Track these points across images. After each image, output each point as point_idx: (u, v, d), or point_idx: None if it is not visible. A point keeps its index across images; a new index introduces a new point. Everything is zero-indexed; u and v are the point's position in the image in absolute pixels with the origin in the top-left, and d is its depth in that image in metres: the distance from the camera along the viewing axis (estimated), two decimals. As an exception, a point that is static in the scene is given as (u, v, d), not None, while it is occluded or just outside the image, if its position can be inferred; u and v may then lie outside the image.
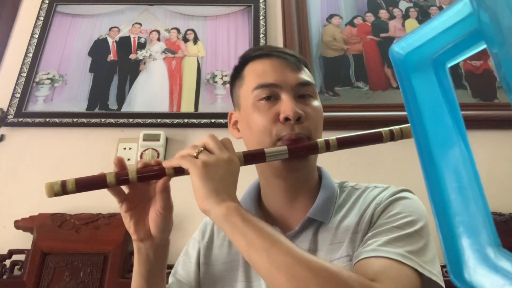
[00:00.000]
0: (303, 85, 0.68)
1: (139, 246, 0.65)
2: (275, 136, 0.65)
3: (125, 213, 0.64)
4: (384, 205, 0.64)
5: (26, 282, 1.13)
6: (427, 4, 1.70)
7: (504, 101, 1.49)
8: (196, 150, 0.58)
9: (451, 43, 0.26)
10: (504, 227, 1.19)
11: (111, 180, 0.59)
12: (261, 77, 0.68)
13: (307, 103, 0.67)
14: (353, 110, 1.45)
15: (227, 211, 0.53)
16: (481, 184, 0.25)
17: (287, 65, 0.69)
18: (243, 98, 0.71)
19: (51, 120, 1.43)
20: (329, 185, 0.71)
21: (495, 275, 0.22)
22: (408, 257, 0.54)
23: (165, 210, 0.62)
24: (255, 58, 0.72)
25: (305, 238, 0.67)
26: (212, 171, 0.56)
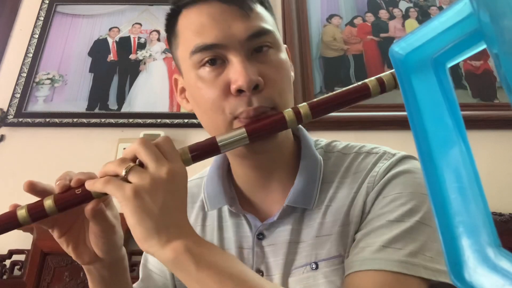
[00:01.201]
0: (256, 35, 0.50)
1: (89, 269, 0.55)
2: (230, 115, 0.50)
3: (59, 239, 0.52)
4: (379, 186, 0.52)
5: (26, 282, 1.13)
6: (427, 4, 1.70)
7: (504, 101, 1.49)
8: (125, 167, 0.43)
9: (451, 43, 0.26)
10: (504, 227, 1.19)
11: (25, 219, 0.47)
12: (198, 35, 0.50)
13: (265, 59, 0.51)
14: (353, 110, 1.45)
15: (175, 256, 0.40)
16: (481, 184, 0.25)
17: (232, 11, 0.50)
18: (182, 62, 0.55)
19: (51, 120, 1.43)
20: (310, 159, 0.57)
21: (495, 275, 0.22)
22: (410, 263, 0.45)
23: (105, 232, 0.50)
24: (190, 4, 0.53)
25: (286, 227, 0.56)
26: (148, 200, 0.41)
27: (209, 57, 0.50)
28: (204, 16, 0.51)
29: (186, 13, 0.53)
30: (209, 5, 0.51)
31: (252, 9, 0.51)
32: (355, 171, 0.56)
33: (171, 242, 0.41)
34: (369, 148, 0.58)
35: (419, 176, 0.52)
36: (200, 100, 0.52)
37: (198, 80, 0.51)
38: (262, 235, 0.57)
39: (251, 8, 0.51)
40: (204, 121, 0.55)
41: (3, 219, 0.48)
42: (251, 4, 0.52)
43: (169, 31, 0.58)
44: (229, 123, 0.51)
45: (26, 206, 0.48)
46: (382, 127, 1.40)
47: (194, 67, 0.52)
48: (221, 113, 0.50)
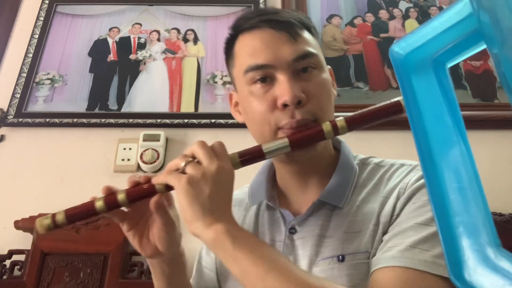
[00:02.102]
0: (301, 58, 0.58)
1: (151, 262, 0.63)
2: (275, 126, 0.58)
3: (128, 233, 0.60)
4: (409, 192, 0.56)
5: (26, 282, 1.13)
6: (427, 5, 1.70)
7: (504, 101, 1.49)
8: (184, 161, 0.53)
9: (451, 43, 0.26)
10: (504, 227, 1.19)
11: (101, 208, 0.56)
12: (251, 57, 0.59)
13: (309, 79, 0.59)
14: (353, 110, 1.44)
15: (216, 236, 0.48)
16: (481, 184, 0.25)
17: (281, 37, 0.59)
18: (237, 80, 0.64)
19: (51, 121, 1.43)
20: (346, 164, 0.64)
21: (495, 275, 0.22)
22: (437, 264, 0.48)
23: (166, 226, 0.59)
24: (245, 30, 0.62)
25: (315, 222, 0.61)
26: (198, 188, 0.50)
27: (260, 76, 0.59)
28: (257, 40, 0.60)
29: (242, 38, 0.63)
30: (262, 31, 0.60)
31: (299, 35, 0.60)
32: (388, 178, 0.61)
33: (213, 224, 0.49)
34: (403, 162, 0.64)
35: None
36: (250, 112, 0.61)
37: (250, 95, 0.60)
38: (294, 230, 0.63)
39: (298, 33, 0.60)
40: (253, 131, 0.63)
41: (83, 208, 0.57)
42: (298, 30, 0.60)
43: (227, 53, 0.67)
44: (274, 133, 0.59)
45: (103, 198, 0.57)
46: (382, 127, 1.40)
47: (247, 84, 0.60)
48: (267, 124, 0.58)
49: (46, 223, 0.56)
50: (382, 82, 1.53)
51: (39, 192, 1.32)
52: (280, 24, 0.60)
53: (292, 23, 0.61)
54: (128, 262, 1.19)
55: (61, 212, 0.57)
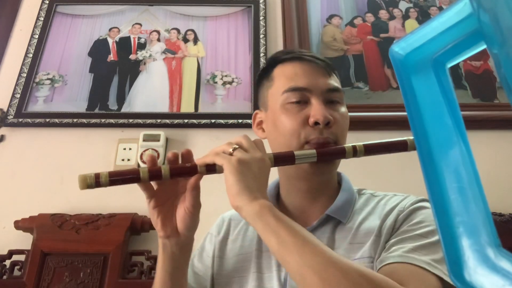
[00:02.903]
0: (332, 91, 0.69)
1: (165, 243, 0.65)
2: (304, 139, 0.66)
3: (153, 210, 0.63)
4: (407, 212, 0.65)
5: (26, 282, 1.13)
6: (427, 5, 1.70)
7: (504, 102, 1.49)
8: (231, 147, 0.59)
9: (451, 43, 0.26)
10: (504, 228, 1.19)
11: (144, 175, 0.59)
12: (292, 80, 0.69)
13: (335, 109, 0.69)
14: (353, 110, 1.44)
15: (260, 209, 0.53)
16: (481, 184, 0.25)
17: (318, 70, 0.70)
18: (271, 99, 0.72)
19: (51, 121, 1.43)
20: (348, 189, 0.73)
21: (495, 276, 0.22)
22: (434, 266, 0.55)
23: (194, 208, 0.63)
24: (286, 60, 0.73)
25: (322, 235, 0.67)
26: (246, 168, 0.56)
27: (297, 99, 0.68)
28: (297, 68, 0.71)
29: (281, 66, 0.73)
30: (302, 63, 0.71)
31: (332, 73, 0.72)
32: (384, 204, 0.70)
33: (258, 199, 0.54)
34: (395, 193, 0.73)
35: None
36: (280, 125, 0.68)
37: (284, 111, 0.68)
38: None
39: (331, 71, 0.72)
40: (279, 142, 0.70)
41: (127, 173, 0.60)
42: (331, 69, 0.73)
43: (263, 77, 0.76)
44: (301, 146, 0.66)
45: (147, 168, 0.60)
46: (382, 127, 1.40)
47: (282, 102, 0.69)
48: (296, 137, 0.66)
49: (89, 180, 0.57)
50: (382, 82, 1.53)
51: (39, 192, 1.32)
52: (318, 60, 0.72)
53: (326, 62, 0.73)
54: (128, 262, 1.19)
55: (104, 173, 0.58)
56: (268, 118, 0.73)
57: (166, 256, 0.65)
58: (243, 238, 0.75)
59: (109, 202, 1.27)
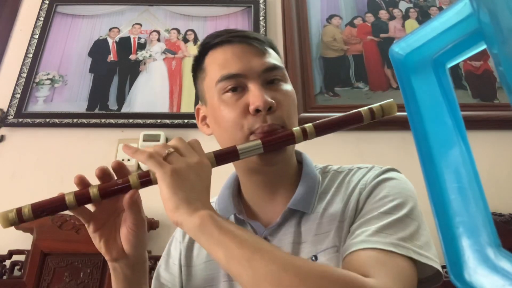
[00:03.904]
0: (270, 69, 0.63)
1: (114, 266, 0.60)
2: (247, 130, 0.60)
3: (93, 234, 0.58)
4: (369, 188, 0.61)
5: (26, 282, 1.13)
6: (427, 5, 1.70)
7: (504, 102, 1.49)
8: (166, 150, 0.53)
9: (451, 43, 0.26)
10: (504, 228, 1.19)
11: (71, 201, 0.53)
12: (223, 68, 0.62)
13: (277, 89, 0.63)
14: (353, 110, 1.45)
15: (201, 221, 0.48)
16: (481, 185, 0.25)
17: (251, 50, 0.63)
18: (207, 92, 0.66)
19: (51, 121, 1.43)
20: (310, 173, 0.67)
21: (495, 276, 0.22)
22: (401, 245, 0.52)
23: (136, 226, 0.57)
24: (215, 46, 0.66)
25: (288, 230, 0.63)
26: (182, 178, 0.51)
27: (232, 86, 0.61)
28: (228, 53, 0.64)
29: (212, 53, 0.66)
30: (232, 46, 0.64)
31: (267, 50, 0.65)
32: (348, 181, 0.65)
33: (198, 211, 0.49)
34: (360, 165, 0.68)
35: (403, 182, 0.62)
36: (221, 120, 0.62)
37: (221, 104, 0.62)
38: (267, 240, 0.63)
39: (265, 49, 0.65)
40: (224, 138, 0.64)
41: (53, 202, 0.54)
42: (266, 46, 0.66)
43: (196, 68, 0.70)
44: (246, 137, 0.60)
45: (73, 192, 0.54)
46: (382, 127, 1.40)
47: (218, 94, 0.63)
48: (239, 129, 0.60)
49: (10, 216, 0.53)
50: (382, 82, 1.53)
51: (39, 192, 1.32)
52: (250, 39, 0.65)
53: (259, 40, 0.66)
54: (128, 262, 1.19)
55: (27, 206, 0.53)
56: (209, 112, 0.67)
57: (119, 279, 0.61)
58: None
59: (109, 202, 1.27)
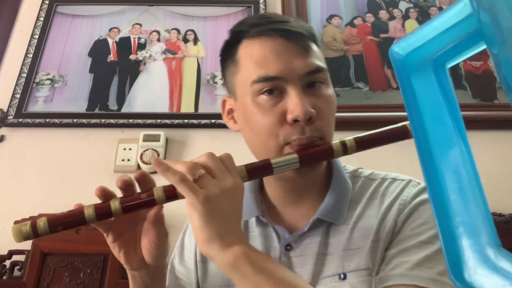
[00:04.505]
0: (313, 72, 0.56)
1: (133, 274, 0.57)
2: (283, 141, 0.55)
3: (112, 244, 0.55)
4: (408, 210, 0.57)
5: (26, 282, 1.13)
6: (427, 5, 1.70)
7: (504, 102, 1.49)
8: (196, 172, 0.48)
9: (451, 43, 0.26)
10: (504, 228, 1.19)
11: (91, 215, 0.50)
12: (261, 67, 0.56)
13: (318, 94, 0.57)
14: (353, 110, 1.45)
15: (234, 260, 0.45)
16: (481, 185, 0.25)
17: (293, 48, 0.56)
18: (239, 87, 0.60)
19: (51, 121, 1.43)
20: (341, 180, 0.63)
21: (495, 276, 0.22)
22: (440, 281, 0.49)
23: (159, 239, 0.54)
24: (253, 36, 0.58)
25: (314, 239, 0.60)
26: (215, 206, 0.47)
27: (269, 87, 0.56)
28: (267, 49, 0.56)
29: (248, 43, 0.59)
30: (272, 40, 0.57)
31: (310, 47, 0.58)
32: (382, 194, 0.61)
33: (231, 247, 0.46)
34: (394, 176, 0.64)
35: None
36: (254, 124, 0.57)
37: (255, 106, 0.56)
38: (290, 246, 0.61)
39: (309, 46, 0.58)
40: (255, 144, 0.60)
41: (71, 216, 0.50)
42: (309, 42, 0.58)
43: (227, 57, 0.63)
44: (280, 148, 0.56)
45: (93, 206, 0.50)
46: (382, 127, 1.40)
47: (252, 94, 0.57)
48: (274, 138, 0.56)
49: (24, 230, 0.49)
50: (382, 82, 1.53)
51: (39, 192, 1.32)
52: (292, 35, 0.57)
53: (303, 35, 0.58)
54: (128, 262, 1.19)
55: (43, 219, 0.49)
56: (239, 109, 0.61)
57: (137, 286, 0.58)
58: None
59: (109, 202, 1.27)
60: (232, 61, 0.61)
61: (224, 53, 0.64)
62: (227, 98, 0.66)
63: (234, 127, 0.65)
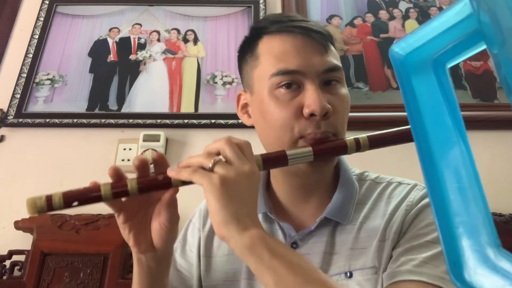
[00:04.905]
0: (330, 70, 0.59)
1: (140, 257, 0.58)
2: (298, 134, 0.57)
3: (123, 224, 0.56)
4: (415, 211, 0.58)
5: (26, 282, 1.13)
6: (427, 5, 1.70)
7: (504, 102, 1.49)
8: (212, 160, 0.49)
9: (451, 43, 0.26)
10: (504, 228, 1.19)
11: (107, 192, 0.51)
12: (281, 61, 0.57)
13: (333, 92, 0.59)
14: (353, 110, 1.44)
15: (251, 242, 0.45)
16: (481, 185, 0.25)
17: (313, 46, 0.58)
18: (257, 81, 0.61)
19: (51, 121, 1.43)
20: (348, 180, 0.64)
21: (495, 276, 0.22)
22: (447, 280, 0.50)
23: (170, 223, 0.55)
24: (274, 32, 0.60)
25: (321, 238, 0.61)
26: (232, 189, 0.47)
27: (287, 81, 0.57)
28: (287, 44, 0.58)
29: (268, 39, 0.61)
30: (293, 36, 0.59)
31: (329, 47, 0.60)
32: (388, 197, 0.62)
33: (248, 230, 0.45)
34: (400, 180, 0.65)
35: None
36: (270, 116, 0.58)
37: (273, 99, 0.58)
38: (296, 244, 0.62)
39: (327, 45, 0.60)
40: (269, 137, 0.60)
41: (87, 192, 0.52)
42: (328, 42, 0.60)
43: (246, 51, 0.65)
44: (294, 141, 0.57)
45: (110, 184, 0.51)
46: (382, 127, 1.39)
47: (270, 87, 0.58)
48: (289, 131, 0.57)
49: (38, 203, 0.49)
50: (382, 82, 1.53)
51: (39, 192, 1.32)
52: (312, 32, 0.59)
53: (323, 34, 0.60)
54: (128, 262, 1.19)
55: (58, 193, 0.50)
56: (255, 103, 0.63)
57: (142, 271, 0.58)
58: None
59: (109, 202, 1.27)
60: (252, 55, 0.63)
61: (243, 48, 0.66)
62: (242, 92, 0.67)
63: (248, 121, 0.66)
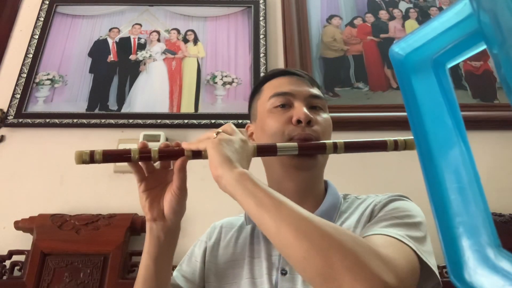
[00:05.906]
0: (314, 97, 0.76)
1: (151, 226, 0.68)
2: (287, 136, 0.72)
3: (142, 193, 0.68)
4: (383, 203, 0.69)
5: (26, 282, 1.13)
6: (427, 5, 1.70)
7: (504, 102, 1.49)
8: (215, 132, 0.64)
9: (451, 43, 0.26)
10: (504, 228, 1.19)
11: (135, 155, 0.64)
12: (278, 88, 0.77)
13: (317, 114, 0.75)
14: (353, 110, 1.45)
15: (239, 176, 0.56)
16: (481, 185, 0.25)
17: (302, 80, 0.79)
18: (260, 107, 0.79)
19: (51, 121, 1.43)
20: (334, 194, 0.77)
21: (495, 276, 0.22)
22: (409, 239, 0.57)
23: (180, 191, 0.66)
24: (274, 76, 0.81)
25: None
26: (227, 146, 0.60)
27: (281, 102, 0.75)
28: (283, 80, 0.79)
29: (270, 81, 0.81)
30: (288, 76, 0.80)
31: (314, 84, 0.81)
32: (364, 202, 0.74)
33: (237, 168, 0.57)
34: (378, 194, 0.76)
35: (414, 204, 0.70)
36: (267, 127, 0.75)
37: (270, 114, 0.76)
38: None
39: (314, 83, 0.81)
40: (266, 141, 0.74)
41: (120, 153, 0.66)
42: (313, 82, 0.81)
43: (255, 92, 0.84)
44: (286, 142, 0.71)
45: (139, 149, 0.64)
46: (382, 127, 1.40)
47: (268, 108, 0.76)
48: (281, 135, 0.72)
49: (84, 156, 0.62)
50: (382, 82, 1.53)
51: (39, 192, 1.32)
52: (303, 75, 0.80)
53: (311, 77, 0.81)
54: (128, 263, 1.19)
55: (99, 151, 0.63)
56: (257, 126, 0.79)
57: (152, 239, 0.68)
58: (234, 245, 0.78)
59: (109, 203, 1.27)
60: (257, 92, 0.82)
61: (252, 93, 0.85)
62: (249, 125, 0.85)
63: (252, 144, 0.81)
